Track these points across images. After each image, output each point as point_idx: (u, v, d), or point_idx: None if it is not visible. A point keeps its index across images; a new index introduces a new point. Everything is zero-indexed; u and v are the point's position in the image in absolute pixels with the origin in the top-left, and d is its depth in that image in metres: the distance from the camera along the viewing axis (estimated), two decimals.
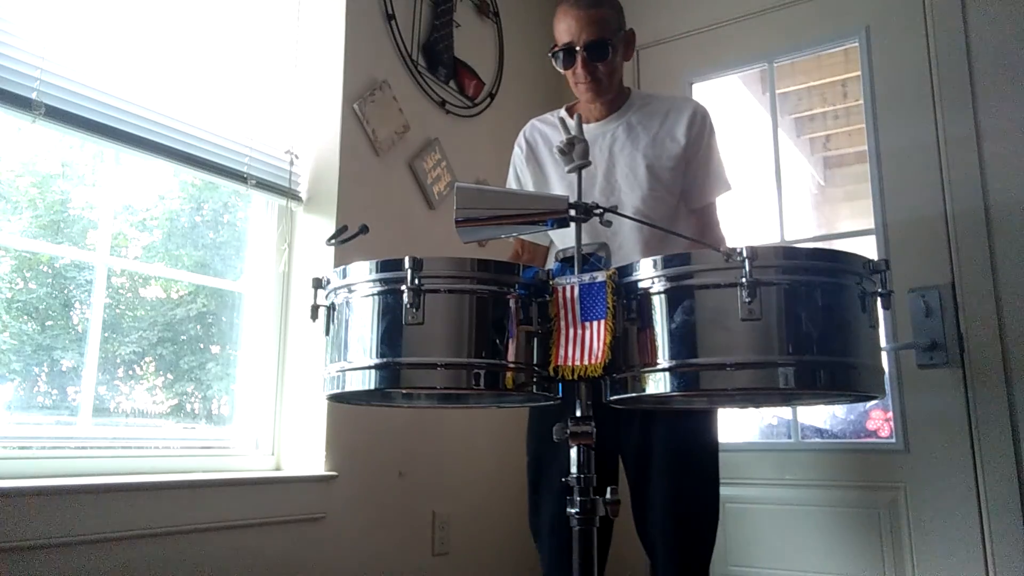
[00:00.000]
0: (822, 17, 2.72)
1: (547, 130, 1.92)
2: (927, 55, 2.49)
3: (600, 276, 1.15)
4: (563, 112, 1.92)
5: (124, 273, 1.99)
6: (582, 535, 1.16)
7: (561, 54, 1.75)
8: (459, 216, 1.25)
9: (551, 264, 1.80)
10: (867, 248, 2.50)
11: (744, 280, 1.06)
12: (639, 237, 1.76)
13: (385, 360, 1.16)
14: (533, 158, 1.93)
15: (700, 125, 1.81)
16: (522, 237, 1.95)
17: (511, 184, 2.00)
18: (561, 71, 1.80)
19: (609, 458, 1.71)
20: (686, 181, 1.83)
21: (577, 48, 1.72)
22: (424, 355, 1.16)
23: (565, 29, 1.74)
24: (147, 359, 2.01)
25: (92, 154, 1.90)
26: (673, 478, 1.66)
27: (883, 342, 2.32)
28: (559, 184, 1.87)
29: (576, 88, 1.81)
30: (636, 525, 1.70)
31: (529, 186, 1.94)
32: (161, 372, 2.04)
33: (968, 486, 2.26)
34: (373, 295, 1.19)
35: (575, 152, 1.26)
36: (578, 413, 1.18)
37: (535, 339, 1.18)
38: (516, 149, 1.97)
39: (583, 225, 1.25)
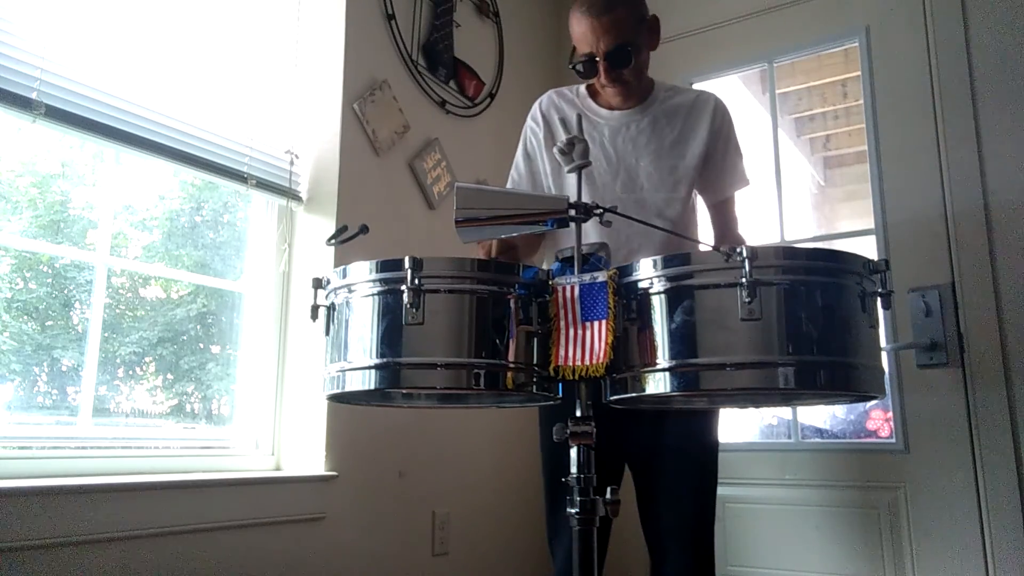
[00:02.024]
0: (822, 17, 2.72)
1: (567, 108, 1.82)
2: (927, 55, 2.49)
3: (601, 276, 1.15)
4: (583, 89, 1.84)
5: (124, 273, 1.99)
6: (582, 535, 1.16)
7: (582, 66, 1.68)
8: (459, 216, 1.25)
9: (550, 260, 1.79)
10: (867, 248, 2.50)
11: (744, 280, 1.06)
12: (656, 240, 1.70)
13: (385, 360, 1.16)
14: (551, 136, 1.81)
15: (721, 121, 1.79)
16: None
17: (519, 160, 1.88)
18: (583, 79, 1.74)
19: (614, 459, 1.71)
20: (705, 176, 1.80)
21: (598, 59, 1.66)
22: (424, 355, 1.16)
23: (581, 38, 1.67)
24: (147, 359, 2.01)
25: (92, 154, 1.90)
26: (681, 479, 1.66)
27: (883, 342, 2.32)
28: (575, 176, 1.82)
29: (603, 92, 1.77)
30: (643, 526, 1.69)
31: (544, 171, 1.84)
32: (161, 372, 2.04)
33: (968, 486, 2.26)
34: (373, 295, 1.19)
35: (575, 152, 1.26)
36: (578, 413, 1.18)
37: (535, 339, 1.18)
38: (531, 124, 1.86)
39: (594, 225, 1.24)
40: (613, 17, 1.63)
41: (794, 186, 3.93)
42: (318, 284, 1.29)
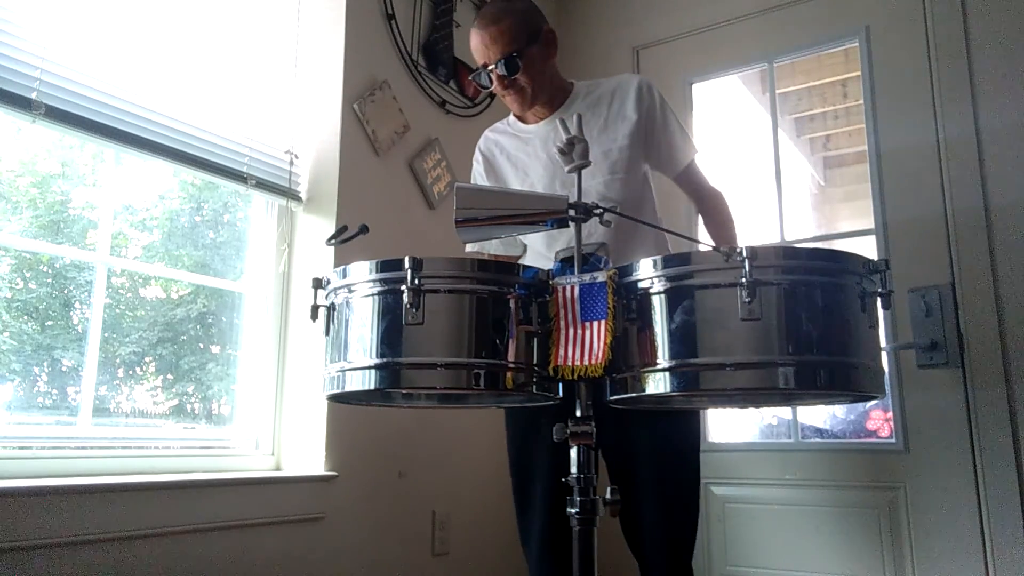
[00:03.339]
0: (822, 17, 2.72)
1: (500, 138, 1.91)
2: (927, 55, 2.49)
3: (600, 276, 1.15)
4: (511, 117, 1.91)
5: (124, 273, 1.99)
6: (582, 535, 1.16)
7: (480, 76, 1.76)
8: (459, 216, 1.25)
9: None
10: (867, 248, 2.50)
11: (744, 280, 1.06)
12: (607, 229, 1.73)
13: (385, 360, 1.16)
14: (492, 170, 1.91)
15: (648, 97, 1.80)
16: (491, 251, 1.93)
17: None
18: (486, 90, 1.80)
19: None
20: (653, 154, 1.81)
21: (490, 67, 1.73)
22: (424, 355, 1.16)
23: (476, 50, 1.75)
24: (147, 359, 2.01)
25: (92, 154, 1.90)
26: (660, 479, 1.64)
27: (883, 342, 2.32)
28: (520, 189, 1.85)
29: (504, 101, 1.82)
30: (622, 525, 1.68)
31: None
32: (161, 372, 2.04)
33: (968, 486, 2.26)
34: (373, 295, 1.19)
35: (575, 152, 1.26)
36: (578, 413, 1.18)
37: (535, 339, 1.18)
38: (474, 164, 1.95)
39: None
40: (500, 28, 1.71)
41: (794, 186, 3.94)
42: (318, 284, 1.29)
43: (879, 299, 1.14)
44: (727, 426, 2.77)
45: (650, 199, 1.83)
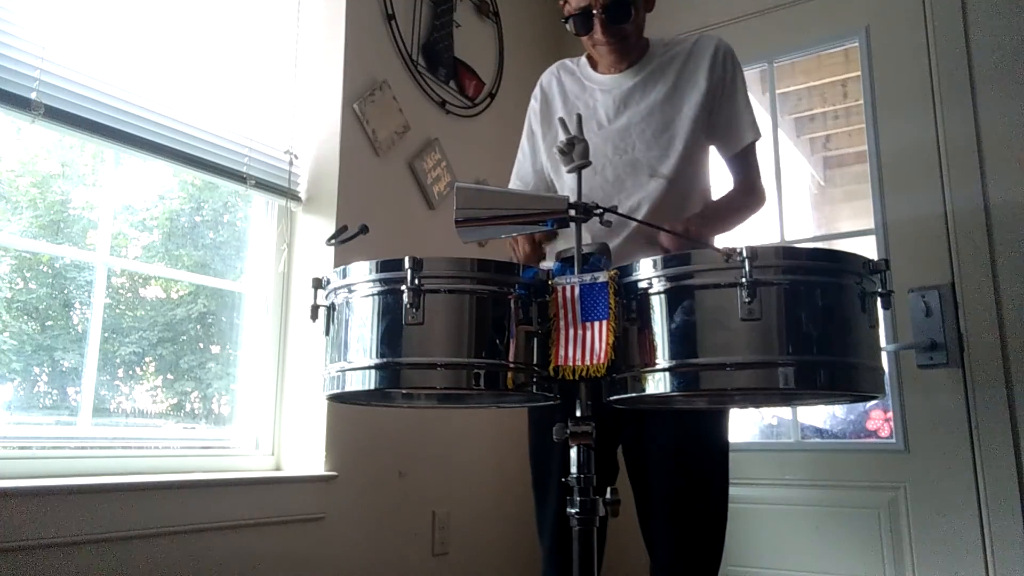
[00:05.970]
0: (822, 17, 2.72)
1: (567, 80, 1.77)
2: (927, 55, 2.49)
3: (601, 277, 1.15)
4: (583, 59, 1.79)
5: (124, 273, 1.99)
6: (582, 535, 1.15)
7: (576, 21, 1.61)
8: (459, 216, 1.25)
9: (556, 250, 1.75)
10: (867, 248, 2.50)
11: (744, 280, 1.05)
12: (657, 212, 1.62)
13: (385, 360, 1.16)
14: (547, 111, 1.77)
15: (723, 64, 1.68)
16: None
17: (523, 138, 1.85)
18: (576, 36, 1.66)
19: (610, 455, 1.69)
20: (716, 126, 1.69)
21: (595, 12, 1.59)
22: (424, 355, 1.16)
23: None
24: (147, 359, 2.01)
25: (92, 154, 1.90)
26: (674, 480, 1.56)
27: (883, 342, 2.32)
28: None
29: (595, 51, 1.69)
30: (640, 525, 1.67)
31: (539, 146, 1.80)
32: (161, 372, 2.04)
33: (968, 486, 2.26)
34: (373, 295, 1.19)
35: (575, 152, 1.26)
36: (578, 413, 1.18)
37: (535, 339, 1.18)
38: (532, 101, 1.83)
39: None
40: None
41: (794, 186, 3.93)
42: (318, 284, 1.28)
43: (879, 299, 1.14)
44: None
45: (703, 179, 1.70)
